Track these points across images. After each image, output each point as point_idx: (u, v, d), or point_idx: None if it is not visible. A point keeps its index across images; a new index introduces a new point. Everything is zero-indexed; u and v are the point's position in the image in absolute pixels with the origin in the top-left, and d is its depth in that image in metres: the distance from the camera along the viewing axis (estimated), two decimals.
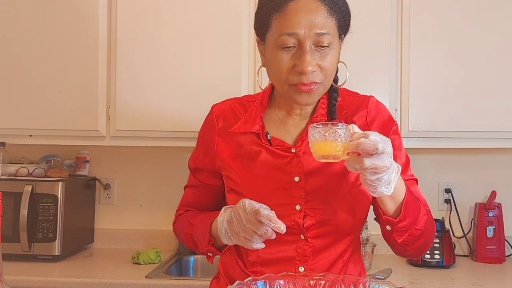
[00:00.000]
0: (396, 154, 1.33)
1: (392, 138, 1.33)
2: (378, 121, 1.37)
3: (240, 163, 1.36)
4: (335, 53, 1.27)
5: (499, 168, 2.70)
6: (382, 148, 1.08)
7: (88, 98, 2.39)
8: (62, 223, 2.37)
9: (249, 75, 2.37)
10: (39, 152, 2.74)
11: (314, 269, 1.31)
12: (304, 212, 1.30)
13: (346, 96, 1.41)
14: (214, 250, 1.36)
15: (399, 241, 1.28)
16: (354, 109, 1.37)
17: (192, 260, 2.57)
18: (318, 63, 1.24)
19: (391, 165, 1.12)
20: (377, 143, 1.07)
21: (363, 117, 1.36)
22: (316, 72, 1.24)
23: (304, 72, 1.22)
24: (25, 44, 2.41)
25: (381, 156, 1.09)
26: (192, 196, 1.52)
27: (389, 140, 1.13)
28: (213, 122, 1.42)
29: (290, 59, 1.24)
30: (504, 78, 2.32)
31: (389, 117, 1.39)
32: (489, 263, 2.49)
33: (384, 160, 1.10)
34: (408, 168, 1.39)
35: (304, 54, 1.22)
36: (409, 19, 2.34)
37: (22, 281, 2.10)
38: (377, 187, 1.14)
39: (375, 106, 1.39)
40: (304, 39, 1.22)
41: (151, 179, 2.79)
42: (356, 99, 1.40)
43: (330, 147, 1.11)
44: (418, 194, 1.36)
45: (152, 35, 2.38)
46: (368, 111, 1.37)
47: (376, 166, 1.10)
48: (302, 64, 1.22)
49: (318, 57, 1.24)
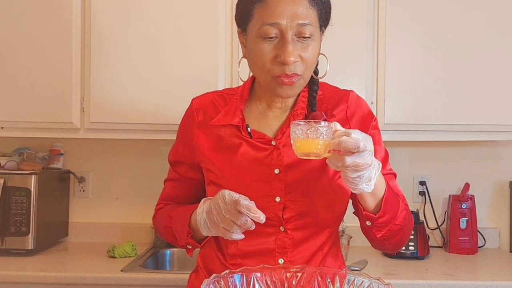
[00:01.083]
0: (375, 148, 1.33)
1: (371, 133, 1.35)
2: (357, 116, 1.38)
3: (220, 155, 1.36)
4: (316, 45, 1.28)
5: (473, 160, 2.74)
6: (363, 146, 1.08)
7: (62, 90, 2.35)
8: (36, 216, 2.33)
9: (226, 68, 2.35)
10: (12, 145, 2.70)
11: (294, 261, 1.31)
12: (284, 204, 1.31)
13: (327, 90, 1.41)
14: (193, 242, 1.36)
15: (378, 236, 1.29)
16: (335, 103, 1.38)
17: (169, 253, 2.56)
18: (300, 54, 1.24)
19: (372, 162, 1.13)
20: (359, 141, 1.07)
21: (343, 111, 1.37)
22: (298, 63, 1.24)
23: (286, 62, 1.22)
24: None
25: (362, 154, 1.09)
26: (172, 189, 1.51)
27: (370, 137, 1.14)
28: (193, 115, 1.42)
29: (272, 50, 1.24)
30: (479, 71, 2.35)
31: (368, 112, 1.40)
32: (462, 254, 2.53)
33: (365, 158, 1.10)
34: (387, 163, 1.40)
35: (286, 45, 1.22)
36: (386, 11, 2.34)
37: None
38: (358, 184, 1.14)
39: (355, 100, 1.39)
40: (286, 29, 1.22)
41: (126, 172, 2.76)
42: (337, 93, 1.41)
43: (312, 144, 1.11)
44: (397, 189, 1.38)
45: (127, 26, 2.35)
46: (348, 105, 1.38)
47: (357, 164, 1.10)
48: (285, 54, 1.22)
49: (300, 48, 1.24)
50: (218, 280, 1.07)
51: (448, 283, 2.05)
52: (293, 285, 1.13)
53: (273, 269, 1.14)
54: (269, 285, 1.12)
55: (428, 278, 2.10)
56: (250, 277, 1.11)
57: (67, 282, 2.08)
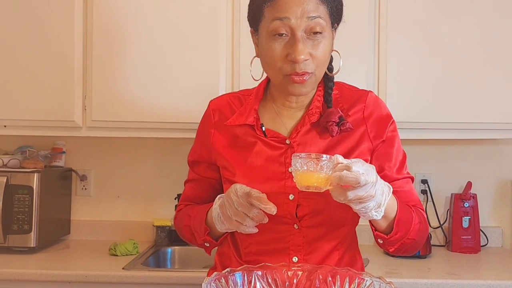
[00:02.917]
0: (391, 151, 1.35)
1: (389, 136, 1.36)
2: (375, 117, 1.37)
3: (235, 153, 1.38)
4: (328, 42, 1.28)
5: (475, 159, 2.73)
6: (364, 181, 1.07)
7: (64, 88, 2.35)
8: (38, 214, 2.34)
9: (227, 67, 2.35)
10: (14, 143, 2.70)
11: (308, 260, 1.32)
12: (298, 202, 1.30)
13: (344, 90, 1.41)
14: (210, 239, 1.37)
15: (391, 250, 1.31)
16: (352, 102, 1.37)
17: (170, 251, 2.56)
18: (310, 52, 1.25)
19: (375, 193, 1.12)
20: (359, 177, 1.07)
21: (360, 111, 1.36)
22: (308, 61, 1.25)
23: (296, 60, 1.23)
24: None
25: (364, 187, 1.09)
26: (191, 190, 1.52)
27: (373, 167, 1.13)
28: (210, 116, 1.45)
29: (282, 48, 1.26)
30: (481, 69, 2.34)
31: (387, 113, 1.39)
32: (465, 253, 2.53)
33: (368, 190, 1.10)
34: (404, 166, 1.39)
35: (297, 43, 1.23)
36: (387, 11, 2.34)
37: None
38: (367, 212, 1.14)
39: (373, 101, 1.39)
40: (296, 26, 1.23)
41: (128, 170, 2.76)
42: (355, 93, 1.41)
43: (312, 178, 1.11)
44: (412, 194, 1.38)
45: (129, 24, 2.34)
46: (366, 106, 1.37)
47: (359, 197, 1.10)
48: (295, 52, 1.23)
49: (310, 45, 1.25)
50: (219, 278, 1.07)
51: (451, 282, 2.04)
52: (294, 283, 1.13)
53: (274, 268, 1.14)
54: (270, 283, 1.12)
55: (430, 277, 2.10)
56: (251, 276, 1.12)
57: (69, 280, 2.08)
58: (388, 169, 1.35)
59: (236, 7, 2.33)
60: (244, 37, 2.29)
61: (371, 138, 1.35)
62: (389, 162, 1.36)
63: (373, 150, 1.35)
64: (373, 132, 1.35)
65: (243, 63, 2.31)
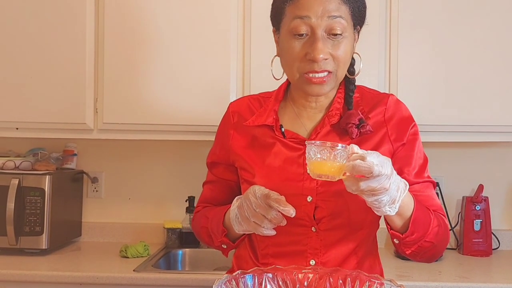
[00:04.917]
0: (411, 154, 1.34)
1: (410, 139, 1.35)
2: (396, 119, 1.35)
3: (253, 153, 1.37)
4: (349, 43, 1.28)
5: (487, 161, 2.72)
6: (377, 171, 1.06)
7: (76, 91, 2.37)
8: (50, 216, 2.35)
9: (238, 71, 2.35)
10: (26, 145, 2.72)
11: (326, 263, 1.30)
12: (316, 204, 1.29)
13: (365, 93, 1.40)
14: (227, 241, 1.37)
15: (407, 253, 1.28)
16: (372, 105, 1.36)
17: (181, 253, 2.56)
18: (331, 52, 1.24)
19: (390, 186, 1.10)
20: (372, 166, 1.05)
21: (380, 113, 1.35)
22: (328, 60, 1.24)
23: (315, 59, 1.22)
24: (11, 36, 2.38)
25: (378, 178, 1.07)
26: (209, 192, 1.52)
27: (389, 160, 1.12)
28: (229, 118, 1.45)
29: (302, 47, 1.25)
30: (493, 72, 2.32)
31: (408, 116, 1.38)
32: (476, 256, 2.51)
33: (382, 183, 1.08)
34: (425, 170, 1.38)
35: (316, 42, 1.23)
36: (398, 13, 2.34)
37: (9, 275, 2.09)
38: (380, 207, 1.13)
39: (394, 103, 1.38)
40: (316, 25, 1.23)
41: (139, 172, 2.77)
42: (376, 96, 1.40)
43: (325, 166, 1.10)
44: (432, 199, 1.35)
45: (140, 27, 2.35)
46: (387, 108, 1.36)
47: (372, 189, 1.08)
48: (314, 51, 1.22)
49: (330, 45, 1.25)
50: (230, 280, 1.07)
51: (462, 285, 2.03)
52: (304, 286, 1.13)
53: (285, 270, 1.14)
54: (281, 285, 1.12)
55: (441, 280, 2.09)
56: (262, 278, 1.12)
57: (80, 282, 2.09)
58: (408, 172, 1.33)
59: (247, 12, 2.35)
60: (255, 42, 2.32)
61: (392, 140, 1.34)
62: (408, 165, 1.34)
63: (394, 152, 1.34)
64: (394, 135, 1.34)
65: (254, 67, 2.32)
